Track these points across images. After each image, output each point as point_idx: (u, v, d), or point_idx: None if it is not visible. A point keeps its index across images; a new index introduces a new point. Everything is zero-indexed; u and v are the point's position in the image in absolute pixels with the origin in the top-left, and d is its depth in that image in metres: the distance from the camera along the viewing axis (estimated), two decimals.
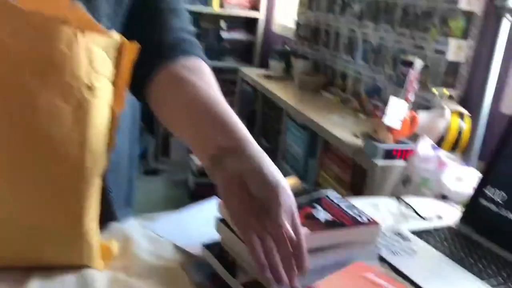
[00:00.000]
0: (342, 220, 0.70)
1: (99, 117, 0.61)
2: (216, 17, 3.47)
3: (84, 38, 0.57)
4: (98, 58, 0.59)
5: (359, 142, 1.62)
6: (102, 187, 0.66)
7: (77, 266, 0.67)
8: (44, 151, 0.57)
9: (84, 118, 0.59)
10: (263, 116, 2.62)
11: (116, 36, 0.61)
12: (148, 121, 3.53)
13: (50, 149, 0.58)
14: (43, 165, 0.58)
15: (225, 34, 3.44)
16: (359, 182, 1.58)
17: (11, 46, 0.53)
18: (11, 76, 0.55)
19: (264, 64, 3.38)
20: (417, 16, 1.83)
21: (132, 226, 0.82)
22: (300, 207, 0.72)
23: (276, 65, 2.73)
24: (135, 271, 0.70)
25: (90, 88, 0.58)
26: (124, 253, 0.75)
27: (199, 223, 0.84)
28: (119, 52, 0.62)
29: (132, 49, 0.63)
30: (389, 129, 1.47)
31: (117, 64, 0.62)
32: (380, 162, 1.45)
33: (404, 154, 1.46)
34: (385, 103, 1.85)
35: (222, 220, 0.72)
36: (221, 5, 3.33)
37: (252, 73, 2.80)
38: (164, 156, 3.52)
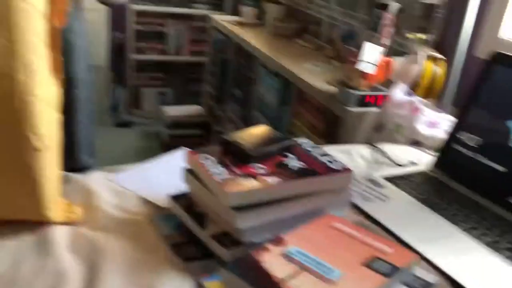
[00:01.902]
0: (314, 168, 0.68)
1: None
2: None
3: None
4: None
5: (333, 89, 1.59)
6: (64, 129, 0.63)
7: (34, 220, 0.64)
8: None
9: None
10: (236, 64, 2.54)
11: None
12: (118, 72, 3.40)
13: None
14: None
15: None
16: (333, 129, 1.56)
17: None
18: None
19: (235, 11, 3.26)
20: None
21: (96, 179, 0.78)
22: (271, 155, 0.69)
23: (248, 11, 2.63)
24: (99, 225, 0.67)
25: None
26: (88, 207, 0.71)
27: (166, 174, 0.81)
28: None
29: None
30: (363, 75, 1.44)
31: None
32: (354, 109, 1.43)
33: (378, 101, 1.44)
34: (360, 49, 1.81)
35: (190, 171, 0.68)
36: None
37: (224, 20, 2.70)
38: (135, 108, 3.43)
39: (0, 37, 0.55)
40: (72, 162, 0.78)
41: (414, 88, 1.50)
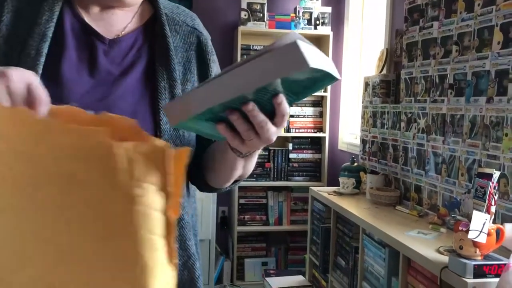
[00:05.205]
0: None
1: (144, 224, 0.59)
2: (283, 139, 3.65)
3: (122, 147, 0.57)
4: (139, 165, 0.58)
5: (444, 258, 1.56)
6: None
7: None
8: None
9: (130, 225, 0.58)
10: (337, 233, 2.59)
11: (160, 144, 0.59)
12: (223, 244, 3.58)
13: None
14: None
15: (292, 155, 3.58)
16: None
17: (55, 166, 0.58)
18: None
19: (332, 182, 3.43)
20: (486, 126, 1.84)
21: None
22: None
23: (346, 182, 2.76)
24: None
25: (128, 196, 0.58)
26: None
27: None
28: (168, 159, 0.59)
29: (183, 155, 0.60)
30: (475, 244, 1.42)
31: (166, 171, 0.60)
32: (471, 280, 1.38)
33: (497, 270, 1.39)
34: (465, 216, 1.81)
35: None
36: (288, 130, 3.52)
37: (322, 190, 2.84)
38: (239, 279, 3.49)
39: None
40: None
41: None
